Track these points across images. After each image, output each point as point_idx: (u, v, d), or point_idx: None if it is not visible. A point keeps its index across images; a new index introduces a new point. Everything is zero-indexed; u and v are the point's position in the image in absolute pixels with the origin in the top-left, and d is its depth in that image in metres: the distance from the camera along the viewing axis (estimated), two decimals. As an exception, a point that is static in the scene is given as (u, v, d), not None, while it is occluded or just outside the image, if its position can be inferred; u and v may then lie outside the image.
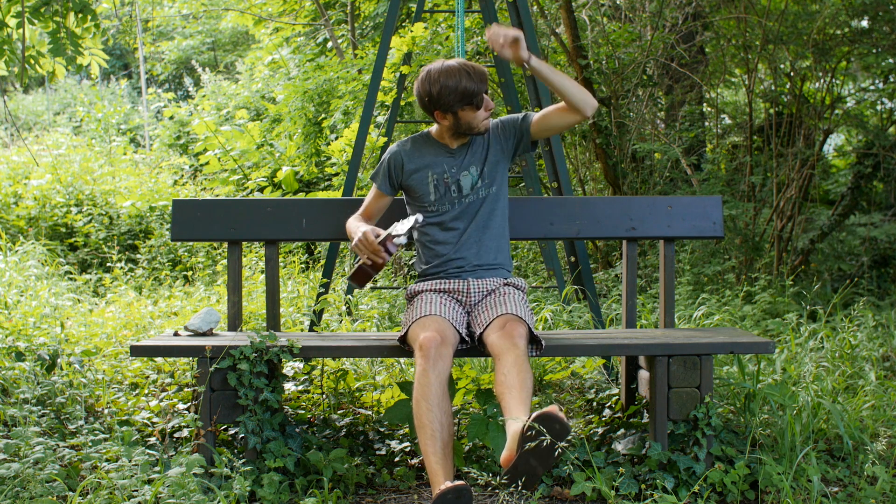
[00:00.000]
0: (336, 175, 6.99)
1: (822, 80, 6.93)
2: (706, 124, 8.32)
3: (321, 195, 7.38)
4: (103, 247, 7.33)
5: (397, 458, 3.32)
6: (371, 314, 5.13)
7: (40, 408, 3.34)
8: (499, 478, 2.55)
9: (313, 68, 9.58)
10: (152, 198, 8.14)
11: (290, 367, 3.75)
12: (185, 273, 6.89)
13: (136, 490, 2.60)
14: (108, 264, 7.02)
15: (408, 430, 3.44)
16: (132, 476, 2.65)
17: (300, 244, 7.67)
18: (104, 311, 5.07)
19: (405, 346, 3.03)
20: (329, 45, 10.75)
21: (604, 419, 3.57)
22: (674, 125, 7.87)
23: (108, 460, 2.87)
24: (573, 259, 4.94)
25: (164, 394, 3.86)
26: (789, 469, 2.97)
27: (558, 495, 3.01)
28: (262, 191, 8.81)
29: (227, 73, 17.07)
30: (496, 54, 5.29)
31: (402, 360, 4.21)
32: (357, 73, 8.52)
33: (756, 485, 3.01)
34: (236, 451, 3.16)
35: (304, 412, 3.63)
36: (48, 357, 3.51)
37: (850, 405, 3.54)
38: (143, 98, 14.33)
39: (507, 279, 3.24)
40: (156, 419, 3.56)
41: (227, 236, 3.51)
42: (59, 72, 4.52)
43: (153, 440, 3.16)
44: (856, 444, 3.24)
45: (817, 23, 6.51)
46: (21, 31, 4.01)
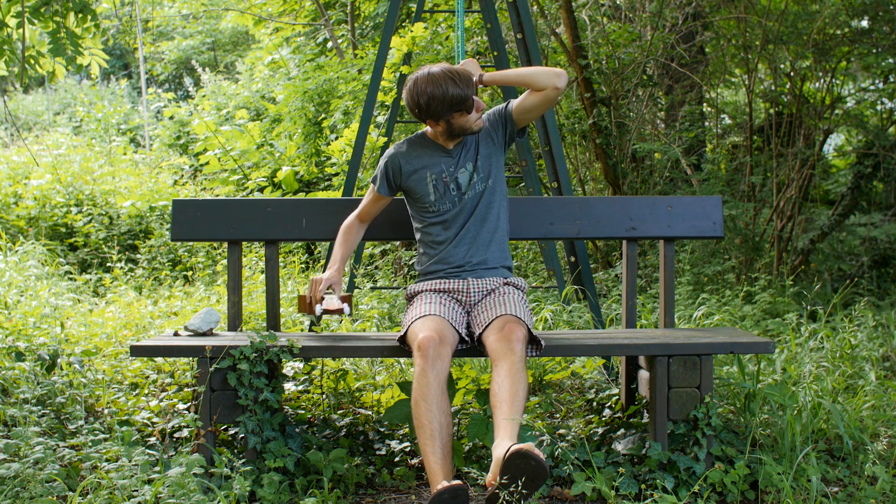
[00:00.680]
0: (336, 175, 6.99)
1: (822, 80, 6.93)
2: (706, 124, 8.32)
3: (321, 195, 7.38)
4: (103, 247, 7.33)
5: (397, 458, 3.32)
6: (371, 314, 5.13)
7: (40, 408, 3.34)
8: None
9: (313, 68, 9.58)
10: (152, 198, 8.13)
11: (290, 367, 3.76)
12: (185, 273, 6.89)
13: (136, 490, 2.61)
14: (108, 264, 7.01)
15: (408, 430, 3.45)
16: (132, 476, 2.65)
17: (300, 244, 7.67)
18: (104, 311, 5.07)
19: (405, 346, 3.03)
20: (329, 45, 10.75)
21: (604, 419, 3.57)
22: (674, 125, 7.87)
23: (108, 460, 2.87)
24: (573, 259, 4.94)
25: (164, 394, 3.86)
26: (789, 469, 2.97)
27: (558, 495, 3.02)
28: (262, 191, 8.81)
29: (227, 73, 17.07)
30: (495, 55, 5.31)
31: (402, 360, 4.21)
32: (357, 73, 8.53)
33: (756, 485, 3.01)
34: (236, 451, 3.16)
35: (304, 412, 3.63)
36: (48, 357, 3.51)
37: (850, 405, 3.54)
38: (143, 98, 14.33)
39: (507, 279, 3.24)
40: (156, 419, 3.56)
41: (227, 236, 3.51)
42: (59, 72, 4.52)
43: (153, 440, 3.16)
44: (856, 444, 3.24)
45: (817, 23, 6.51)
46: (21, 31, 4.01)
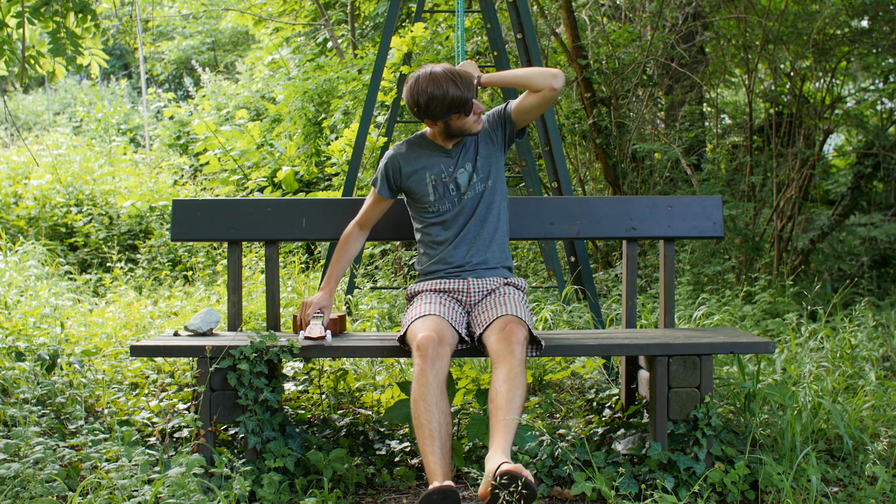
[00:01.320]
0: (336, 175, 6.99)
1: (822, 80, 6.93)
2: (706, 124, 8.32)
3: (321, 195, 7.39)
4: (103, 247, 7.33)
5: (397, 458, 3.32)
6: (371, 314, 5.13)
7: (40, 408, 3.34)
8: None
9: (313, 68, 9.59)
10: (152, 198, 8.13)
11: (290, 367, 3.76)
12: (185, 273, 6.89)
13: (136, 490, 2.60)
14: (108, 264, 7.01)
15: (408, 430, 3.45)
16: (132, 476, 2.65)
17: (300, 244, 7.67)
18: (104, 311, 5.07)
19: (405, 346, 3.03)
20: (329, 45, 10.75)
21: (604, 419, 3.57)
22: (674, 125, 7.87)
23: (108, 460, 2.87)
24: (573, 259, 4.94)
25: (164, 394, 3.86)
26: (789, 469, 2.97)
27: (558, 495, 3.02)
28: (262, 191, 8.81)
29: (227, 73, 17.07)
30: (495, 55, 5.31)
31: (402, 360, 4.21)
32: (357, 73, 8.53)
33: (756, 485, 3.01)
34: (236, 451, 3.16)
35: (304, 412, 3.63)
36: (48, 357, 3.51)
37: (850, 405, 3.54)
38: (143, 98, 14.33)
39: (507, 279, 3.25)
40: (156, 419, 3.56)
41: (227, 236, 3.51)
42: (59, 72, 4.52)
43: (153, 440, 3.16)
44: (856, 444, 3.24)
45: (817, 23, 6.51)
46: (21, 31, 4.01)
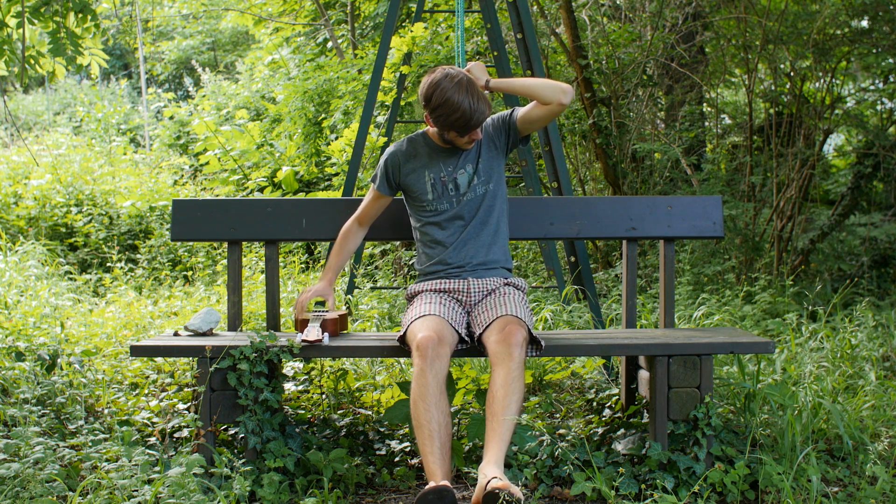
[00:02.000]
0: (336, 175, 6.99)
1: (822, 80, 6.93)
2: (706, 124, 8.32)
3: (321, 195, 7.39)
4: (103, 247, 7.33)
5: (397, 458, 3.32)
6: (371, 314, 5.13)
7: (40, 408, 3.34)
8: None
9: (313, 68, 9.58)
10: (152, 198, 8.13)
11: (290, 367, 3.76)
12: (185, 273, 6.89)
13: (136, 490, 2.60)
14: (108, 264, 7.01)
15: (408, 430, 3.45)
16: (132, 476, 2.65)
17: (300, 244, 7.67)
18: (104, 311, 5.07)
19: (405, 346, 3.03)
20: (329, 45, 10.75)
21: (604, 419, 3.57)
22: (674, 125, 7.87)
23: (108, 460, 2.87)
24: (573, 259, 4.94)
25: (164, 394, 3.86)
26: (789, 469, 2.97)
27: (558, 495, 3.02)
28: (262, 191, 8.81)
29: (227, 73, 17.07)
30: (495, 55, 5.31)
31: (402, 360, 4.21)
32: (357, 73, 8.52)
33: (756, 485, 3.01)
34: (236, 451, 3.16)
35: (304, 412, 3.63)
36: (48, 357, 3.51)
37: (850, 405, 3.54)
38: (143, 98, 14.33)
39: (507, 279, 3.25)
40: (156, 419, 3.56)
41: (227, 236, 3.51)
42: (59, 72, 4.52)
43: (153, 440, 3.16)
44: (856, 444, 3.24)
45: (817, 23, 6.51)
46: (21, 31, 4.01)
